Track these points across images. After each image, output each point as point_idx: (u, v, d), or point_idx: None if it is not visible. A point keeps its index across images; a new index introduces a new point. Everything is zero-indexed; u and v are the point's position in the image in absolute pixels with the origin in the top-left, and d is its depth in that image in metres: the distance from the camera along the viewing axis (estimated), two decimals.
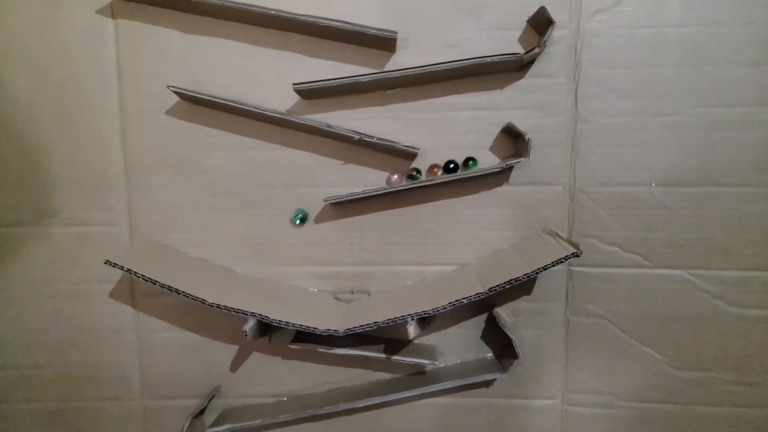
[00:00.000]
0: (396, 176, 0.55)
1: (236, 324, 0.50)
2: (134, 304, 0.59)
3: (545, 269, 0.49)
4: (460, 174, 0.53)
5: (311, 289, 0.58)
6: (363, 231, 0.57)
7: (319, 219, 0.57)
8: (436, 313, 0.50)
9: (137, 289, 0.58)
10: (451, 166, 0.55)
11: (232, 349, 0.59)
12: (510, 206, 0.56)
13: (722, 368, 0.56)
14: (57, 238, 0.58)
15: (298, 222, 0.56)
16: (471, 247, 0.57)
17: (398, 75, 0.51)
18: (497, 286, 0.49)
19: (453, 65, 0.51)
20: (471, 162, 0.55)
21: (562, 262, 0.49)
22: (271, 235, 0.57)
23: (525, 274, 0.49)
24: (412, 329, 0.50)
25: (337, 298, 0.58)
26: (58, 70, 0.56)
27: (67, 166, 0.57)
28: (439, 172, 0.55)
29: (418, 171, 0.55)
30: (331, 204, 0.56)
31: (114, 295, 0.59)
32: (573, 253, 0.48)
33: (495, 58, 0.50)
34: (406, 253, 0.57)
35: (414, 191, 0.56)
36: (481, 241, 0.57)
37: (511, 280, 0.49)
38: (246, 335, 0.50)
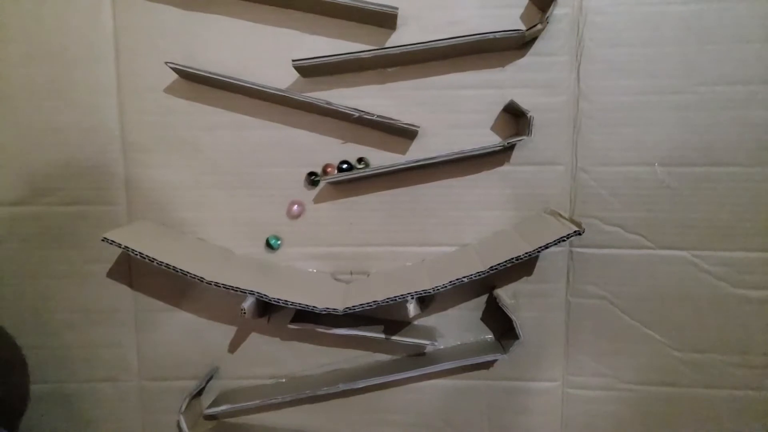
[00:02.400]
0: (296, 206, 0.55)
1: (235, 305, 0.50)
2: (132, 284, 0.58)
3: (547, 248, 0.48)
4: (462, 153, 0.52)
5: (310, 269, 0.58)
6: (362, 211, 0.57)
7: (318, 199, 0.57)
8: (436, 292, 0.50)
9: (135, 269, 0.58)
10: (344, 166, 0.55)
11: (231, 330, 0.59)
12: (511, 186, 0.55)
13: (724, 350, 0.56)
14: (54, 217, 0.57)
15: (276, 246, 0.57)
16: (471, 227, 0.56)
17: (399, 51, 0.50)
18: (498, 264, 0.49)
19: (454, 42, 0.50)
20: (363, 163, 0.55)
21: (564, 240, 0.48)
22: (270, 215, 0.57)
23: (526, 253, 0.48)
24: (412, 308, 0.49)
25: (337, 279, 0.58)
26: (55, 46, 0.55)
27: (63, 144, 0.56)
28: (334, 171, 0.55)
29: (316, 173, 0.56)
30: (330, 184, 0.56)
31: (111, 274, 0.58)
32: (575, 231, 0.48)
33: (497, 35, 0.50)
34: (406, 233, 0.57)
35: (414, 171, 0.55)
36: (482, 221, 0.56)
37: (512, 258, 0.49)
38: (244, 313, 0.49)
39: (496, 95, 0.54)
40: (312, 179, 0.55)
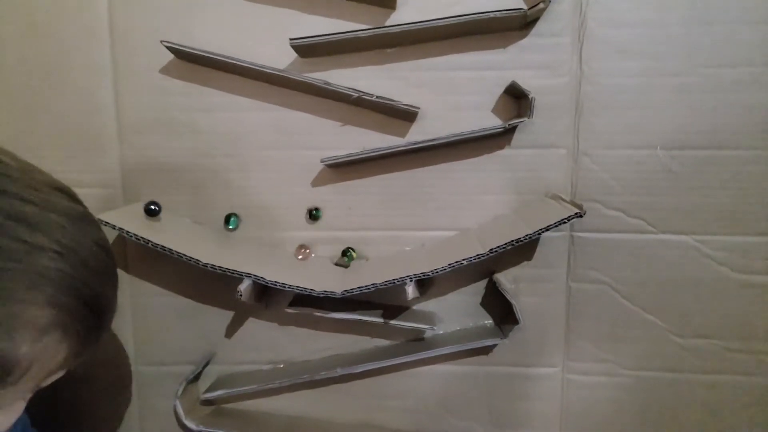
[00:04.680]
0: None
1: (232, 289, 0.49)
2: (127, 268, 0.57)
3: (547, 230, 0.48)
4: (462, 135, 0.52)
5: None
6: (361, 195, 0.56)
7: (316, 182, 0.56)
8: (435, 275, 0.49)
9: (131, 253, 0.57)
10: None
11: (228, 315, 0.58)
12: (512, 170, 0.55)
13: (726, 336, 0.55)
14: None
15: (231, 226, 0.56)
16: (472, 211, 0.56)
17: (398, 31, 0.50)
18: (498, 247, 0.48)
19: (455, 21, 0.49)
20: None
21: (565, 222, 0.47)
22: (267, 199, 0.56)
23: (527, 235, 0.48)
24: (410, 290, 0.49)
25: (335, 264, 0.57)
26: (48, 25, 0.54)
27: (58, 126, 0.55)
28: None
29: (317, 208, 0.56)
30: (328, 166, 0.55)
31: None
32: (576, 213, 0.47)
33: (498, 14, 0.49)
34: (406, 217, 0.56)
35: (414, 154, 0.55)
36: (482, 205, 0.56)
37: (513, 241, 0.48)
38: (240, 296, 0.49)
39: (497, 77, 0.53)
40: (312, 213, 0.55)
